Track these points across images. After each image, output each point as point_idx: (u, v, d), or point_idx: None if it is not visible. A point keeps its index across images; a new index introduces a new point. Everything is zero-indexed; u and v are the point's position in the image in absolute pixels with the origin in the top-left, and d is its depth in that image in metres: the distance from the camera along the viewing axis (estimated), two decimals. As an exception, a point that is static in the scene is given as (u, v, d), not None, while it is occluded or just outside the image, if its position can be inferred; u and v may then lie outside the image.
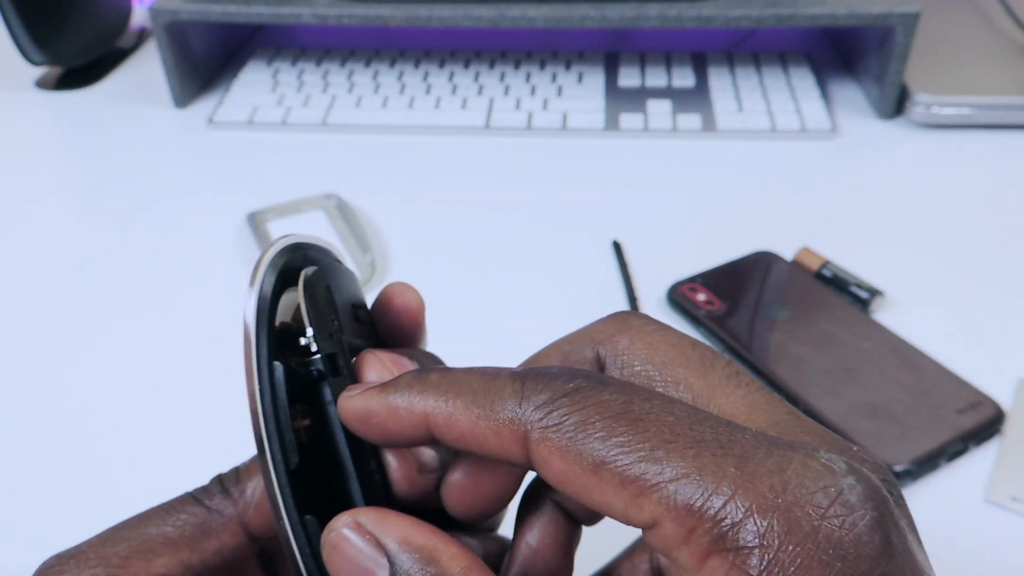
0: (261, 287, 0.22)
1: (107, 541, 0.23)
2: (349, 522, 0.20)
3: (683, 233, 0.60)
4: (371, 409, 0.21)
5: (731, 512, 0.16)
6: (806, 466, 0.16)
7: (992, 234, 0.59)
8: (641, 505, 0.17)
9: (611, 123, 0.72)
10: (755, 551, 0.16)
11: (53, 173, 0.70)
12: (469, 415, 0.19)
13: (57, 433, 0.47)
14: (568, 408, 0.18)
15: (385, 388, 0.21)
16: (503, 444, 0.19)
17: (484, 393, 0.19)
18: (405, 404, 0.20)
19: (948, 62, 0.74)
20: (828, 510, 0.16)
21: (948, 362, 0.48)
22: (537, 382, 0.19)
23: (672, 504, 0.17)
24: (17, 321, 0.55)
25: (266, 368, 0.22)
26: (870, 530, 0.16)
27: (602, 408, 0.18)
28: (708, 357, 0.21)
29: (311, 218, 0.62)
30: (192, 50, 0.77)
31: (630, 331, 0.22)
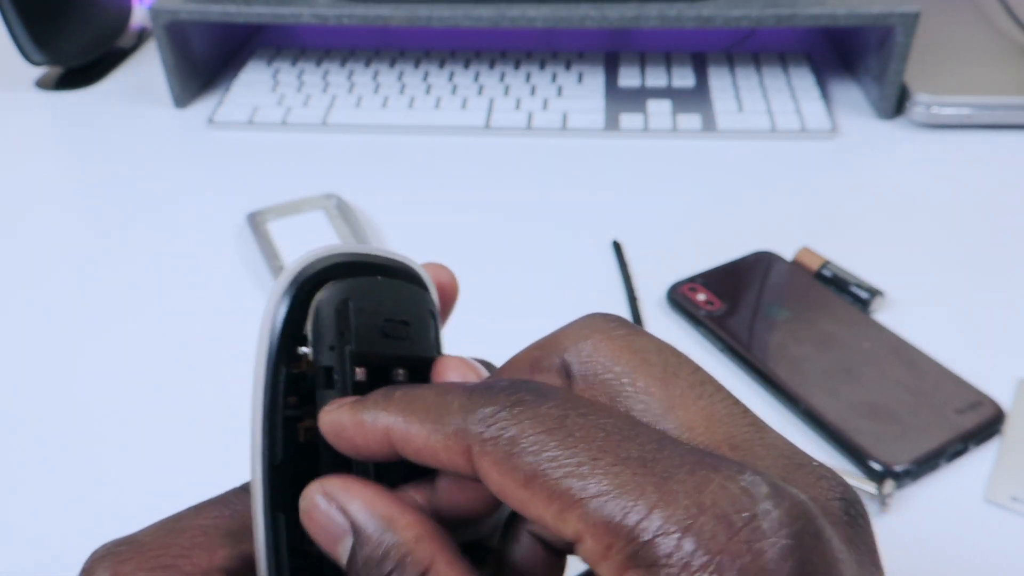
0: (291, 293, 0.23)
1: (168, 532, 0.23)
2: (318, 489, 0.21)
3: (683, 233, 0.60)
4: (343, 423, 0.21)
5: (645, 529, 0.16)
6: (724, 488, 0.17)
7: (992, 234, 0.59)
8: (566, 520, 0.17)
9: (611, 123, 0.72)
10: (664, 569, 0.16)
11: (53, 173, 0.70)
12: (422, 430, 0.20)
13: (56, 433, 0.47)
14: (506, 422, 0.19)
15: (356, 404, 0.21)
16: (451, 457, 0.19)
17: (435, 408, 0.20)
18: (371, 420, 0.21)
19: (948, 62, 0.74)
20: (738, 534, 0.16)
21: (948, 362, 0.48)
22: (482, 396, 0.19)
23: (592, 520, 0.17)
24: (16, 321, 0.55)
25: (271, 368, 0.22)
26: (780, 557, 0.16)
27: (537, 422, 0.18)
28: (672, 365, 0.21)
29: (311, 218, 0.62)
30: (192, 50, 0.77)
31: (595, 336, 0.22)
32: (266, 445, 0.22)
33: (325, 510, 0.21)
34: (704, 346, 0.51)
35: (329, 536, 0.21)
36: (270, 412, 0.22)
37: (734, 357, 0.49)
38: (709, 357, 0.50)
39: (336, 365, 0.23)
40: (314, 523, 0.21)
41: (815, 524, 0.17)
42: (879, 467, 0.42)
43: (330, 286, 0.23)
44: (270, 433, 0.22)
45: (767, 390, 0.47)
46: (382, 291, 0.24)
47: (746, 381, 0.48)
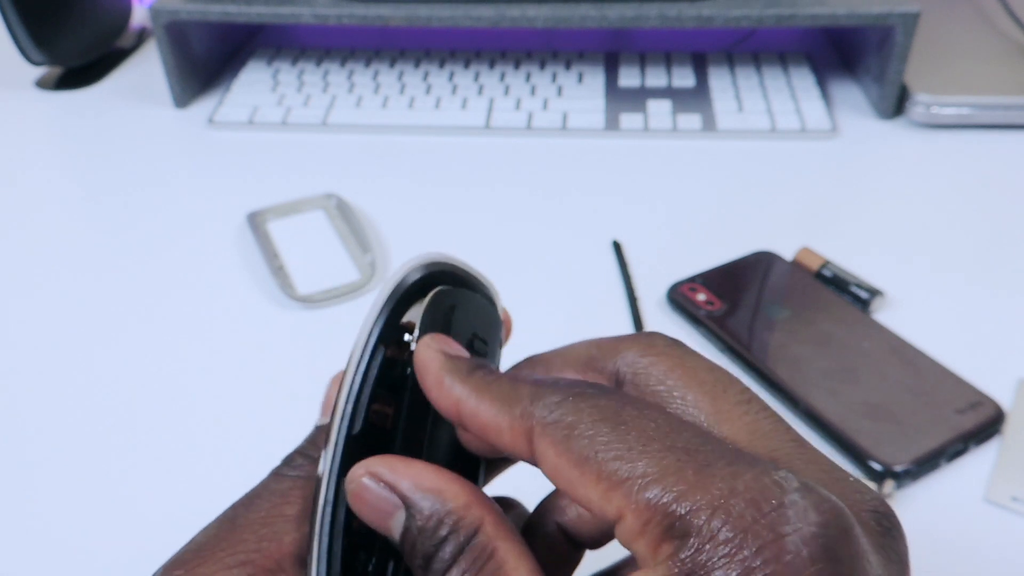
0: (403, 278, 0.25)
1: (231, 531, 0.24)
2: (364, 472, 0.22)
3: (683, 233, 0.60)
4: (428, 367, 0.23)
5: (681, 506, 0.18)
6: (757, 478, 0.18)
7: (992, 234, 0.59)
8: (611, 499, 0.19)
9: (611, 123, 0.72)
10: (693, 539, 0.18)
11: (53, 173, 0.70)
12: (491, 409, 0.22)
13: (55, 433, 0.47)
14: (567, 408, 0.20)
15: (445, 363, 0.23)
16: (514, 436, 0.21)
17: (507, 393, 0.22)
18: (447, 384, 0.23)
19: (948, 62, 0.74)
20: (765, 517, 0.17)
21: (948, 362, 0.48)
22: (549, 387, 0.21)
23: (635, 499, 0.18)
24: (16, 321, 0.55)
25: (374, 345, 0.24)
26: (802, 541, 0.17)
27: (595, 411, 0.20)
28: (722, 382, 0.22)
29: (311, 218, 0.62)
30: (192, 50, 0.77)
31: (653, 351, 0.23)
32: (350, 414, 0.24)
33: (375, 489, 0.22)
34: (704, 346, 0.51)
35: (380, 513, 0.22)
36: (360, 389, 0.24)
37: (734, 357, 0.49)
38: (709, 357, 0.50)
39: None
40: (364, 503, 0.22)
41: (845, 520, 0.18)
42: (879, 467, 0.42)
43: (448, 289, 0.25)
44: (356, 404, 0.24)
45: (767, 390, 0.47)
46: (479, 309, 0.26)
47: (746, 381, 0.48)
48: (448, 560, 0.21)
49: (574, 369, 0.24)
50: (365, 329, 0.25)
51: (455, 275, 0.26)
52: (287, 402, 0.48)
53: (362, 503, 0.22)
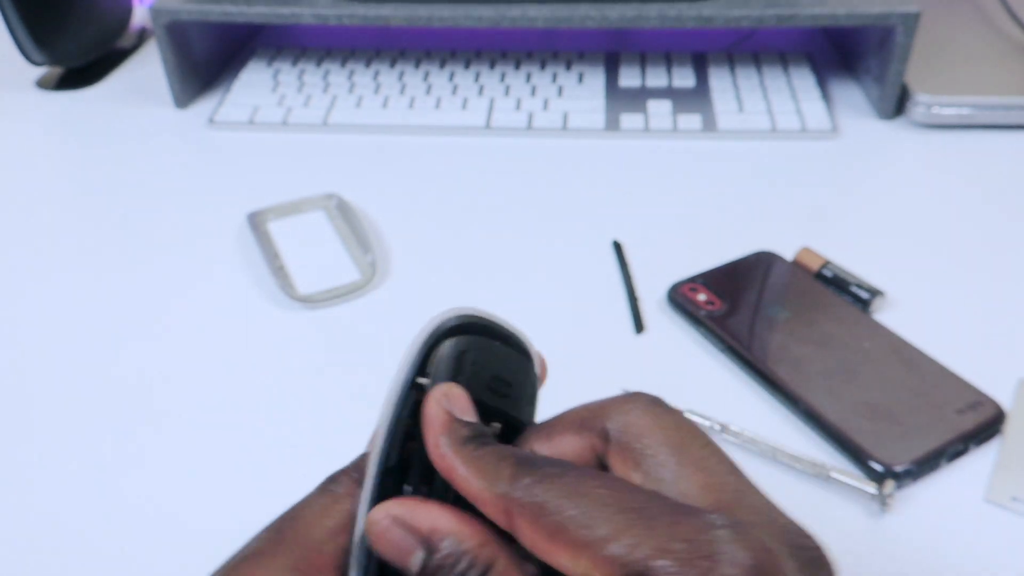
0: (441, 323, 0.28)
1: (280, 541, 0.26)
2: (385, 514, 0.25)
3: (683, 233, 0.60)
4: (430, 425, 0.26)
5: (634, 557, 0.21)
6: (694, 525, 0.22)
7: (992, 234, 0.59)
8: (579, 562, 0.22)
9: (611, 123, 0.72)
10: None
11: (53, 173, 0.70)
12: (478, 484, 0.25)
13: (54, 434, 0.47)
14: (539, 489, 0.24)
15: (446, 425, 0.26)
16: (495, 512, 0.24)
17: (491, 472, 0.25)
18: (443, 449, 0.26)
19: (948, 62, 0.74)
20: (700, 554, 0.21)
21: (948, 362, 0.48)
22: (528, 467, 0.24)
23: (597, 558, 0.22)
24: (15, 321, 0.55)
25: (405, 390, 0.27)
26: (737, 572, 0.21)
27: (562, 488, 0.23)
28: (687, 440, 0.26)
29: (311, 218, 0.62)
30: (192, 50, 0.77)
31: (635, 412, 0.27)
32: (385, 451, 0.27)
33: (396, 530, 0.25)
34: (704, 346, 0.51)
35: (400, 552, 0.25)
36: (395, 426, 0.27)
37: (734, 357, 0.49)
38: (709, 357, 0.50)
39: None
40: (386, 542, 0.25)
41: (771, 554, 0.22)
42: (879, 467, 0.42)
43: (458, 338, 0.28)
44: (391, 442, 0.27)
45: (767, 390, 0.48)
46: (497, 353, 0.29)
47: (746, 381, 0.48)
48: None
49: (571, 431, 0.27)
50: (400, 372, 0.28)
51: (488, 327, 0.29)
52: (287, 402, 0.48)
53: (384, 543, 0.25)
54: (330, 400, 0.48)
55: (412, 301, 0.55)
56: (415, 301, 0.55)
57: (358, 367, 0.51)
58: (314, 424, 0.47)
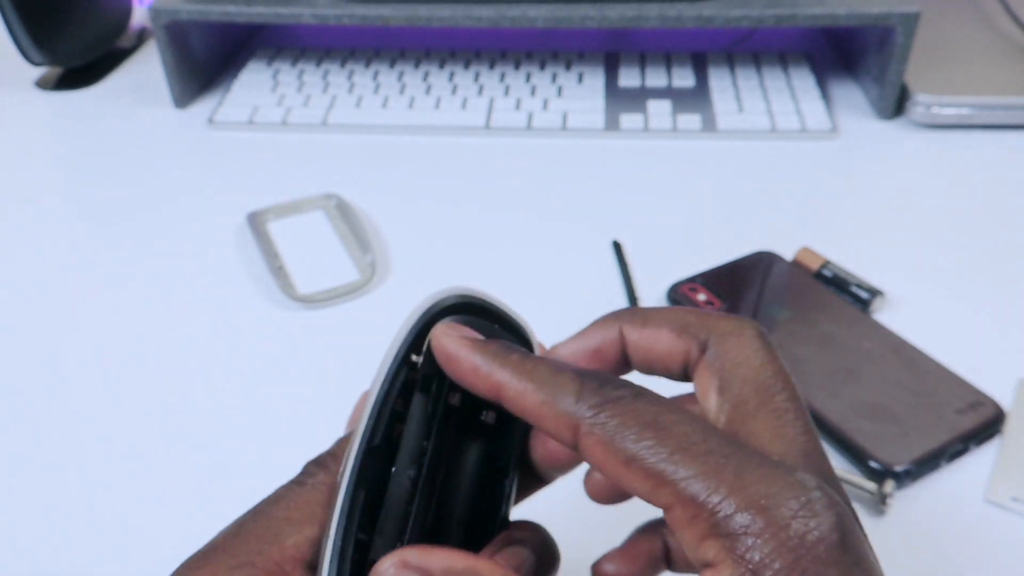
0: (435, 303, 0.27)
1: (235, 535, 0.25)
2: (397, 562, 0.24)
3: (683, 233, 0.60)
4: (458, 355, 0.25)
5: (725, 507, 0.21)
6: (785, 480, 0.21)
7: (992, 234, 0.59)
8: (659, 494, 0.22)
9: (611, 123, 0.72)
10: (740, 537, 0.20)
11: (53, 173, 0.70)
12: (536, 398, 0.24)
13: (53, 434, 0.47)
14: (612, 411, 0.23)
15: (476, 347, 0.25)
16: (559, 427, 0.24)
17: (551, 384, 0.24)
18: (486, 369, 0.25)
19: (948, 62, 0.74)
20: (798, 512, 0.21)
21: (948, 362, 0.48)
22: (592, 384, 0.24)
23: (681, 496, 0.21)
24: (14, 321, 0.55)
25: (396, 367, 0.26)
26: (830, 529, 0.20)
27: (637, 415, 0.23)
28: (775, 387, 0.25)
29: (311, 218, 0.62)
30: (192, 50, 0.77)
31: (739, 337, 0.26)
32: (370, 428, 0.25)
33: (407, 574, 0.24)
34: (704, 346, 0.51)
35: None
36: (383, 402, 0.26)
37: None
38: (709, 357, 0.50)
39: (437, 378, 0.26)
40: None
41: (850, 516, 0.22)
42: (879, 467, 0.42)
43: (455, 317, 0.27)
44: (377, 419, 0.26)
45: (767, 390, 0.47)
46: (496, 336, 0.27)
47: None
48: None
49: (670, 328, 0.27)
50: (392, 349, 0.26)
51: (486, 309, 0.28)
52: (287, 402, 0.48)
53: None
54: (330, 400, 0.48)
55: (412, 301, 0.55)
56: (414, 301, 0.55)
57: (357, 367, 0.51)
58: (314, 424, 0.47)
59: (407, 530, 0.25)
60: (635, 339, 0.27)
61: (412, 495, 0.25)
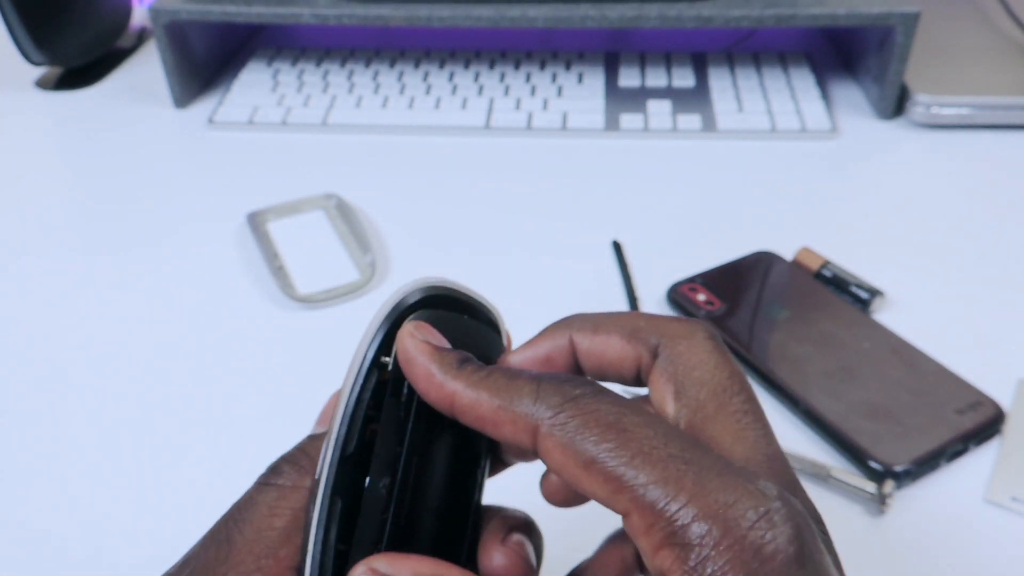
0: (401, 299, 0.26)
1: (230, 550, 0.25)
2: (365, 570, 0.24)
3: (683, 233, 0.60)
4: (414, 360, 0.25)
5: (682, 515, 0.20)
6: (745, 488, 0.21)
7: (992, 234, 0.59)
8: (618, 499, 0.21)
9: (611, 123, 0.72)
10: (695, 548, 0.20)
11: (53, 173, 0.70)
12: (491, 403, 0.23)
13: (53, 434, 0.47)
14: (572, 412, 0.22)
15: (433, 355, 0.25)
16: (516, 432, 0.23)
17: (505, 388, 0.23)
18: (439, 378, 0.24)
19: (948, 62, 0.74)
20: (756, 523, 0.20)
21: (948, 362, 0.48)
22: (551, 386, 0.23)
23: (640, 503, 0.21)
24: (14, 321, 0.55)
25: (366, 372, 0.26)
26: (787, 542, 0.20)
27: (598, 416, 0.22)
28: (731, 389, 0.25)
29: (311, 218, 0.62)
30: (192, 50, 0.77)
31: (690, 341, 0.26)
32: (343, 436, 0.25)
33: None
34: (704, 346, 0.51)
35: None
36: (355, 409, 0.25)
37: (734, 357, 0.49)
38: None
39: (406, 381, 0.26)
40: None
41: (808, 523, 0.21)
42: (879, 467, 0.42)
43: (419, 313, 0.26)
44: (350, 427, 0.25)
45: (767, 390, 0.47)
46: (464, 328, 0.27)
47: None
48: None
49: (620, 335, 0.26)
50: (360, 350, 0.26)
51: (454, 299, 0.27)
52: (287, 402, 0.48)
53: None
54: (330, 400, 0.48)
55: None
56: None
57: (358, 367, 0.51)
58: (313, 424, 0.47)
59: (383, 538, 0.25)
60: (586, 346, 0.26)
61: (387, 504, 0.25)
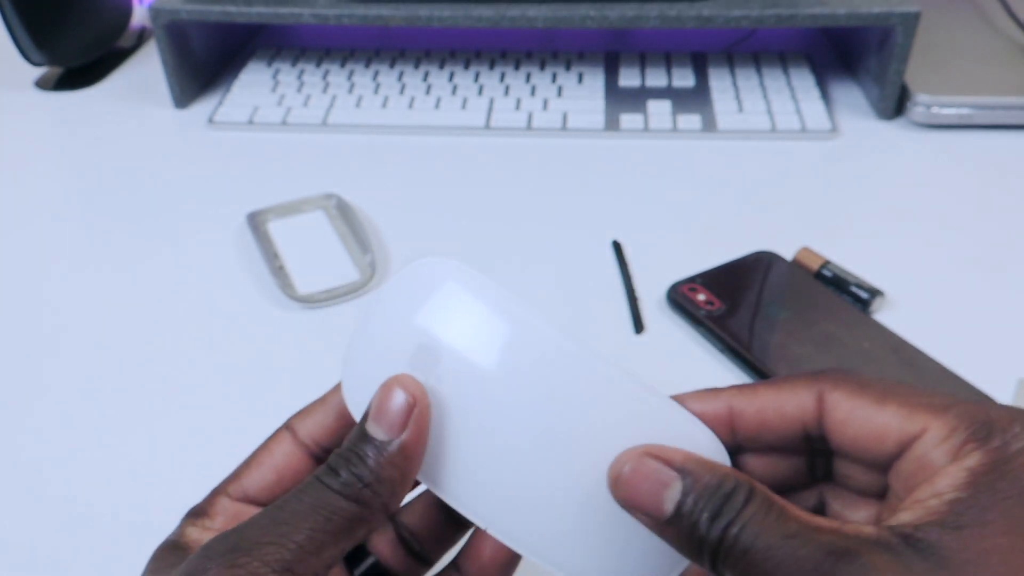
0: None
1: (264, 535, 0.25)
2: (641, 452, 0.25)
3: (683, 233, 0.60)
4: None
5: (981, 417, 0.23)
6: (1008, 408, 0.24)
7: (992, 234, 0.59)
8: (915, 419, 0.24)
9: (611, 123, 0.72)
10: (999, 436, 0.22)
11: (53, 173, 0.70)
12: (769, 391, 0.27)
13: (53, 434, 0.47)
14: (846, 374, 0.26)
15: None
16: (802, 397, 0.26)
17: (781, 382, 0.27)
18: (711, 394, 0.28)
19: (948, 62, 0.74)
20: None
21: (948, 362, 0.48)
22: (822, 372, 0.27)
23: (940, 416, 0.23)
24: (15, 321, 0.55)
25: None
26: None
27: (866, 378, 0.26)
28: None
29: (311, 218, 0.62)
30: (192, 50, 0.77)
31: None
32: None
33: (654, 464, 0.25)
34: (704, 346, 0.51)
35: (657, 485, 0.25)
36: None
37: (734, 357, 0.49)
38: (709, 357, 0.50)
39: None
40: (644, 476, 0.25)
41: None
42: (879, 467, 0.42)
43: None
44: None
45: (767, 390, 0.47)
46: None
47: (746, 381, 0.48)
48: (740, 504, 0.23)
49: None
50: None
51: None
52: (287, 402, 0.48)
53: (641, 477, 0.25)
54: (330, 400, 0.48)
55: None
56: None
57: (358, 367, 0.51)
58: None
59: None
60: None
61: None
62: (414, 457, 0.26)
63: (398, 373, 0.27)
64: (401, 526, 0.32)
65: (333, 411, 0.31)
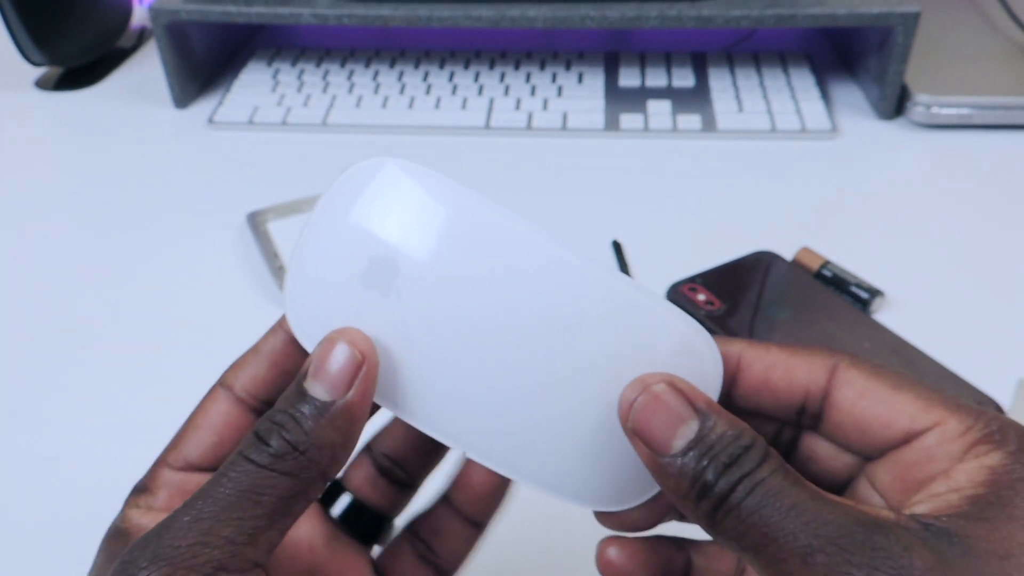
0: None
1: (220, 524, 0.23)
2: (665, 378, 0.24)
3: (683, 233, 0.60)
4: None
5: (993, 417, 0.23)
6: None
7: (992, 234, 0.59)
8: (931, 411, 0.23)
9: (611, 123, 0.72)
10: (1012, 437, 0.22)
11: (53, 173, 0.70)
12: (783, 353, 0.26)
13: (53, 434, 0.47)
14: (861, 358, 0.25)
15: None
16: (813, 371, 0.25)
17: (794, 347, 0.26)
18: (723, 345, 0.26)
19: (948, 62, 0.74)
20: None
21: (948, 362, 0.48)
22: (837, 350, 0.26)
23: (957, 411, 0.23)
24: (15, 321, 0.55)
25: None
26: None
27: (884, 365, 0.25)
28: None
29: (311, 218, 0.62)
30: (192, 50, 0.77)
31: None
32: None
33: (675, 396, 0.24)
34: (704, 346, 0.51)
35: (674, 419, 0.23)
36: None
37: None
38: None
39: None
40: (663, 406, 0.23)
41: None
42: (879, 467, 0.42)
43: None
44: None
45: (767, 390, 0.47)
46: None
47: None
48: (756, 462, 0.22)
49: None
50: None
51: None
52: (287, 402, 0.48)
53: (661, 405, 0.23)
54: (330, 400, 0.48)
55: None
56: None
57: (358, 367, 0.51)
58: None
59: None
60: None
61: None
62: (358, 419, 0.24)
63: (350, 296, 0.24)
64: (378, 455, 0.30)
65: (267, 360, 0.29)
